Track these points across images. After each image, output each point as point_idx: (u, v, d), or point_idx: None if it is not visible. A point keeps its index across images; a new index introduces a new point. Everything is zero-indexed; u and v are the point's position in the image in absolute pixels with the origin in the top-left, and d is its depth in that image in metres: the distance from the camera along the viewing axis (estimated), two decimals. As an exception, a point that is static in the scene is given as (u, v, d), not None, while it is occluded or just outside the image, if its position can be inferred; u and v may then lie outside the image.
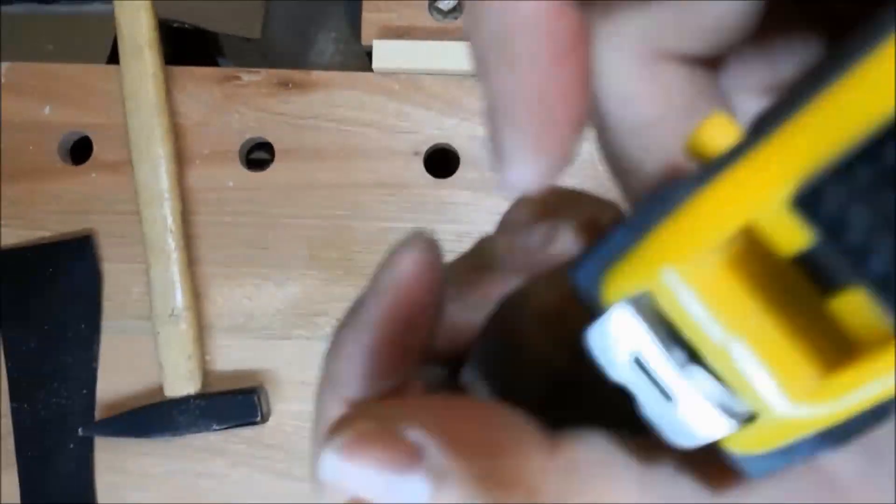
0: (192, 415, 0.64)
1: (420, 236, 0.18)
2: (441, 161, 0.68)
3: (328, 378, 0.18)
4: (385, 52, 0.66)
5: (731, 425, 0.14)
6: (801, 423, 0.13)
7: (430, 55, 0.66)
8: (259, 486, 0.65)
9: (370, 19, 0.68)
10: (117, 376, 0.66)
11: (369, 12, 0.68)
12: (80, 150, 0.69)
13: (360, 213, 0.67)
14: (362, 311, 0.18)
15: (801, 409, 0.13)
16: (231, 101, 0.68)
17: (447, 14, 0.68)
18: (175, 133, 0.67)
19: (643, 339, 0.14)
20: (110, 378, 0.66)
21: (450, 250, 0.18)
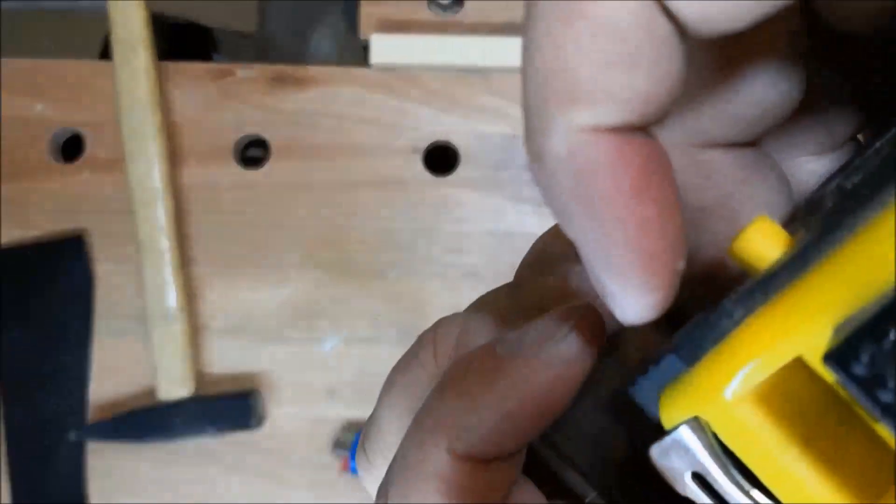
0: (186, 418, 0.63)
1: (591, 315, 0.18)
2: (441, 158, 0.67)
3: (442, 427, 0.17)
4: (383, 47, 0.66)
5: None
6: None
7: (429, 50, 0.66)
8: (254, 491, 0.64)
9: (368, 13, 0.67)
10: (110, 378, 0.66)
11: (367, 6, 0.68)
12: (71, 147, 0.68)
13: (357, 211, 0.66)
14: (512, 372, 0.17)
15: None
16: (226, 98, 0.67)
17: (447, 8, 0.67)
18: (169, 130, 0.66)
19: (705, 460, 0.15)
20: (103, 380, 0.66)
21: (451, 250, 0.17)
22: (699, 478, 0.15)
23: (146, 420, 0.63)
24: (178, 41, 0.73)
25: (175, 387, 0.64)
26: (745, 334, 0.14)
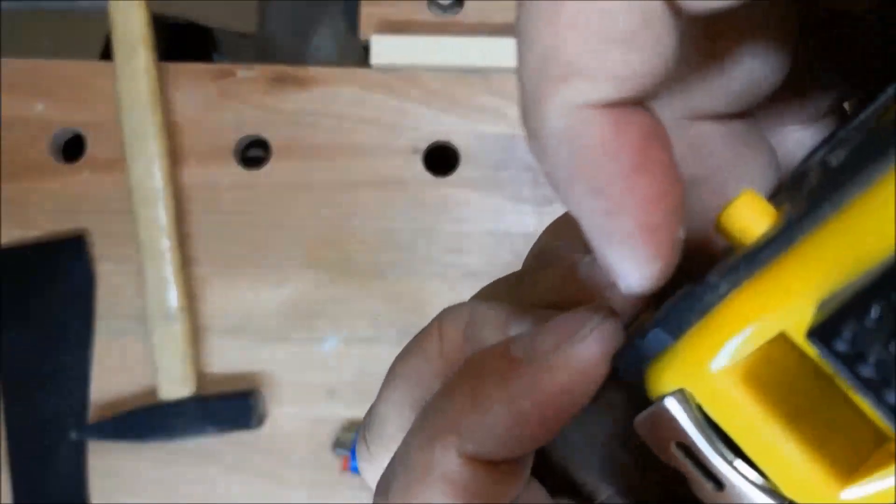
0: (187, 418, 0.63)
1: (609, 321, 0.17)
2: (440, 158, 0.67)
3: (452, 427, 0.17)
4: (383, 48, 0.66)
5: None
6: None
7: (430, 50, 0.66)
8: (254, 491, 0.64)
9: (368, 14, 0.67)
10: (111, 378, 0.65)
11: (368, 6, 0.67)
12: (72, 147, 0.68)
13: (358, 211, 0.66)
14: (527, 374, 0.17)
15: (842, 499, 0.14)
16: (226, 98, 0.67)
17: (447, 8, 0.67)
18: (169, 130, 0.66)
19: (690, 431, 0.15)
20: (104, 380, 0.65)
21: (451, 250, 0.17)
22: (683, 448, 0.15)
23: (147, 420, 0.63)
24: (178, 41, 0.73)
25: (175, 387, 0.63)
26: (729, 309, 0.14)
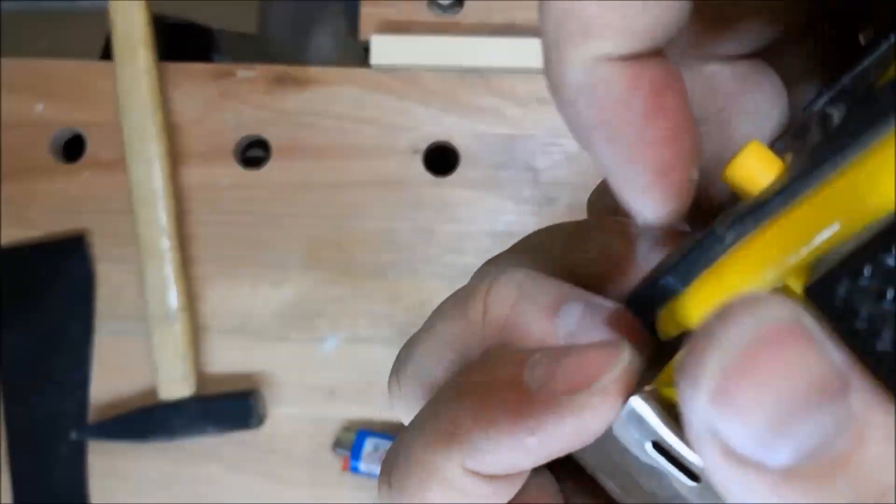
0: (187, 418, 0.63)
1: (629, 369, 0.16)
2: (440, 159, 0.67)
3: (456, 439, 0.17)
4: (383, 48, 0.66)
5: None
6: None
7: (430, 51, 0.66)
8: (254, 491, 0.64)
9: (368, 14, 0.67)
10: (111, 378, 0.65)
11: (368, 7, 0.67)
12: (72, 147, 0.68)
13: (358, 212, 0.66)
14: (536, 411, 0.16)
15: None
16: (226, 98, 0.67)
17: (447, 9, 0.67)
18: (169, 130, 0.66)
19: (659, 428, 0.16)
20: (104, 380, 0.65)
21: (451, 250, 0.17)
22: (659, 448, 0.16)
23: (147, 420, 0.63)
24: (178, 41, 0.73)
25: (176, 387, 0.64)
26: (734, 260, 0.15)
